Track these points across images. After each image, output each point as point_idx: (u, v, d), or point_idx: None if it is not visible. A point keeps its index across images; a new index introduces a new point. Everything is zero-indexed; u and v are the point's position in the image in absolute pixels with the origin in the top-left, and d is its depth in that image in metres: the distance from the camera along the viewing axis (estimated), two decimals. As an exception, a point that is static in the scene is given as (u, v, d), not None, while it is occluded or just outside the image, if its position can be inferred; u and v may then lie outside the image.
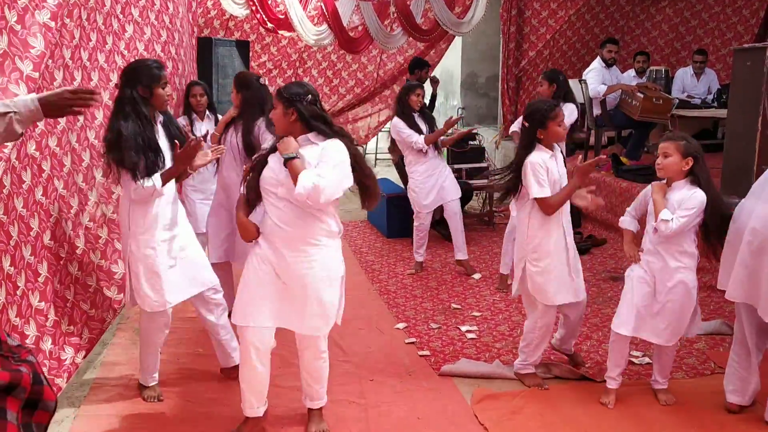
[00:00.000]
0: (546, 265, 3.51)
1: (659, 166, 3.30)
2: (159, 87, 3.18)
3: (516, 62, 8.65)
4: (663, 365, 3.49)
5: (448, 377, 3.79)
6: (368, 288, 5.37)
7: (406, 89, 5.61)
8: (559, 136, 3.54)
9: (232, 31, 7.64)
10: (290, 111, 2.86)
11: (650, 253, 3.34)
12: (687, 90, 8.00)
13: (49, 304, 3.08)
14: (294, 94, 2.86)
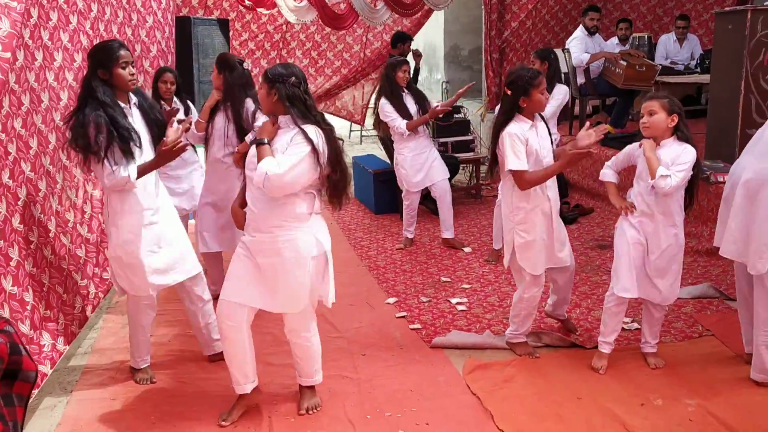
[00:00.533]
0: (532, 236, 3.51)
1: (645, 124, 3.28)
2: (118, 67, 3.11)
3: (498, 33, 8.57)
4: (653, 328, 3.52)
5: (439, 349, 3.81)
6: (357, 264, 5.38)
7: (391, 66, 5.52)
8: (541, 104, 3.50)
9: (211, 10, 7.53)
10: (272, 91, 2.87)
11: (643, 215, 3.34)
12: (670, 56, 7.99)
13: (23, 288, 3.04)
14: (277, 75, 2.87)
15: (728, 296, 4.28)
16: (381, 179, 6.84)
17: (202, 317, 3.60)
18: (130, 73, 3.16)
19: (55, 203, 3.51)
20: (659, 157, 3.24)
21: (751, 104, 5.22)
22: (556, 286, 3.82)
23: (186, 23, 6.41)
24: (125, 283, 3.31)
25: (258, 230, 2.94)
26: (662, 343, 3.70)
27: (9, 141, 3.05)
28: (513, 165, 3.39)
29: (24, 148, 3.19)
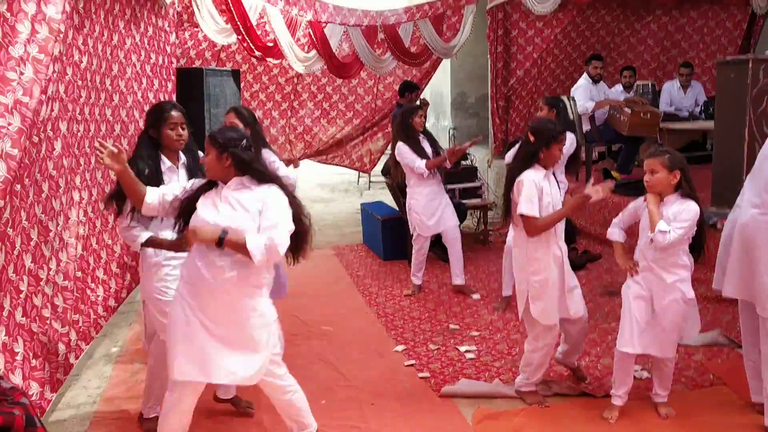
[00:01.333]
0: (545, 287, 3.53)
1: (648, 183, 3.30)
2: (166, 127, 3.26)
3: (504, 81, 8.73)
4: (663, 378, 3.50)
5: (448, 398, 3.79)
6: (366, 311, 5.38)
7: (408, 112, 5.62)
8: (556, 159, 3.57)
9: (223, 62, 7.70)
10: (224, 156, 2.82)
11: (646, 269, 3.36)
12: (674, 103, 8.09)
13: (13, 338, 3.05)
14: (229, 139, 2.83)
15: (739, 344, 4.25)
16: (389, 226, 6.88)
17: None
18: (177, 134, 3.27)
19: (48, 252, 3.52)
20: (662, 213, 3.27)
21: (755, 151, 5.24)
22: (569, 335, 3.81)
23: (198, 74, 6.55)
24: (160, 326, 3.27)
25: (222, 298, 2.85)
26: (673, 391, 3.67)
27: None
28: (525, 209, 3.44)
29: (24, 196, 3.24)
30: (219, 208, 2.82)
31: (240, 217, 2.80)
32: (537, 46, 8.66)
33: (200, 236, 2.75)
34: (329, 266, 6.79)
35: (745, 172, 5.26)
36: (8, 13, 2.82)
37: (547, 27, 8.62)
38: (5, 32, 2.80)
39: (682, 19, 9.24)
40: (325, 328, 4.98)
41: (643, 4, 8.98)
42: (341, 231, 8.41)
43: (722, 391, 3.73)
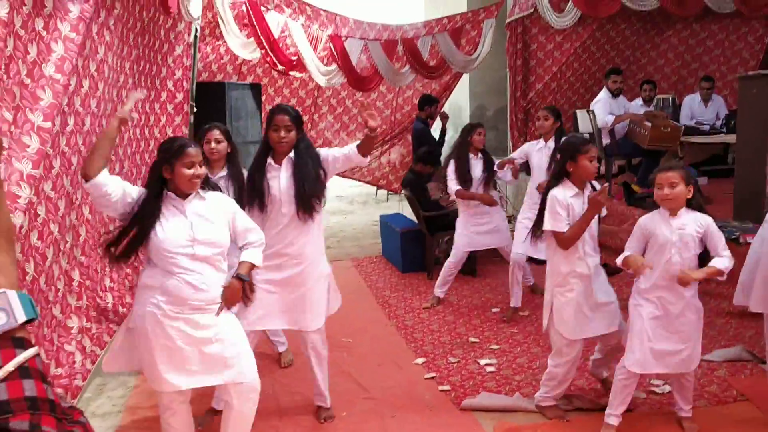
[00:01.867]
0: (570, 300, 3.53)
1: (669, 196, 3.25)
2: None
3: (523, 95, 8.74)
4: (686, 392, 3.47)
5: (468, 411, 3.80)
6: (385, 323, 5.40)
7: (466, 130, 5.60)
8: (588, 171, 3.51)
9: (245, 76, 7.80)
10: None
11: (664, 289, 3.28)
12: (695, 116, 8.05)
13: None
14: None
15: (762, 359, 4.23)
16: (408, 238, 6.90)
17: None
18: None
19: (64, 263, 3.58)
20: (683, 227, 3.26)
21: (778, 166, 5.24)
22: (604, 348, 3.81)
23: (220, 88, 6.65)
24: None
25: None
26: (696, 407, 3.65)
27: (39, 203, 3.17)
28: (547, 225, 3.51)
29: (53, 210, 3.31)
30: (189, 222, 2.86)
31: (215, 231, 2.91)
32: (556, 59, 8.67)
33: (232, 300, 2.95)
34: (348, 278, 6.81)
35: (767, 187, 5.25)
36: (44, 31, 2.88)
37: (567, 41, 8.63)
38: (40, 50, 2.86)
39: (702, 33, 9.22)
40: (345, 340, 4.99)
41: (664, 18, 8.98)
42: (360, 243, 8.44)
43: (746, 407, 3.69)
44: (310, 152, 3.52)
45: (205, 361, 2.89)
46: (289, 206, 3.48)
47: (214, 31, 6.86)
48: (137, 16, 4.55)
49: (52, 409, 0.76)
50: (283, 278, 3.55)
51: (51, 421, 0.74)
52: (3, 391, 0.72)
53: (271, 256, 3.48)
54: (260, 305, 3.46)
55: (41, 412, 0.74)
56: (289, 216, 3.49)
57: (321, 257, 3.66)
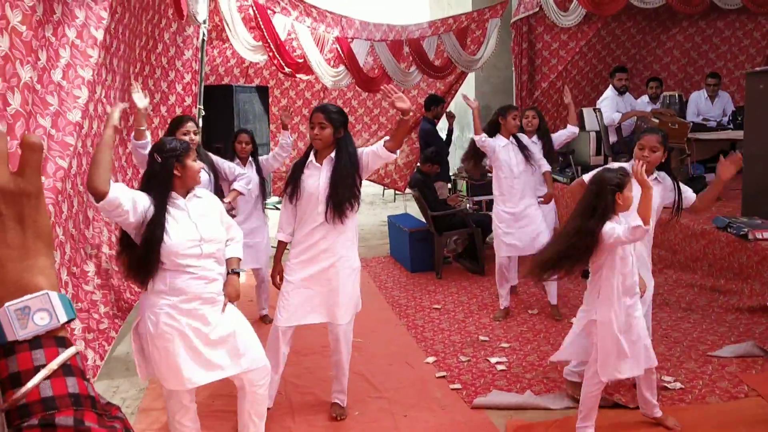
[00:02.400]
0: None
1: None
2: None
3: (529, 94, 8.76)
4: (654, 388, 3.43)
5: (480, 410, 3.81)
6: (396, 323, 5.42)
7: (502, 109, 5.29)
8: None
9: (252, 78, 7.84)
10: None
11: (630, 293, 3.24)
12: (702, 113, 8.05)
13: None
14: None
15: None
16: (417, 238, 6.93)
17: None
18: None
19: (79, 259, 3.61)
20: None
21: (786, 161, 5.24)
22: None
23: (228, 91, 6.69)
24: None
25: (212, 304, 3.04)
26: (708, 403, 3.67)
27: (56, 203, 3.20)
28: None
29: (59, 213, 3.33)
30: (194, 223, 2.94)
31: (216, 227, 3.04)
32: (562, 58, 8.69)
33: (235, 294, 3.09)
34: (357, 279, 6.84)
35: (776, 182, 5.24)
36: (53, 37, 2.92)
37: (572, 39, 8.65)
38: (49, 56, 2.89)
39: (708, 30, 9.21)
40: (356, 340, 4.98)
41: (669, 15, 8.97)
42: (368, 243, 8.46)
43: (757, 402, 3.70)
44: (351, 156, 3.57)
45: (221, 354, 2.98)
46: (324, 206, 3.54)
47: (221, 35, 6.89)
48: (139, 19, 4.58)
49: (93, 406, 0.79)
50: (315, 272, 3.61)
51: (93, 417, 0.77)
52: (48, 388, 0.75)
53: (304, 251, 3.60)
54: (295, 301, 3.60)
55: (84, 408, 0.77)
56: (324, 215, 3.55)
57: (353, 252, 3.71)
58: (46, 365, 0.76)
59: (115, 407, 0.80)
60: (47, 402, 0.74)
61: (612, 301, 3.20)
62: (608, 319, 3.19)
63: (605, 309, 3.21)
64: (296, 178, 3.62)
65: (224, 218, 3.18)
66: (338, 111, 3.63)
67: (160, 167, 2.90)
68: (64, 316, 0.79)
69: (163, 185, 2.89)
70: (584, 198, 3.25)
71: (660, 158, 3.56)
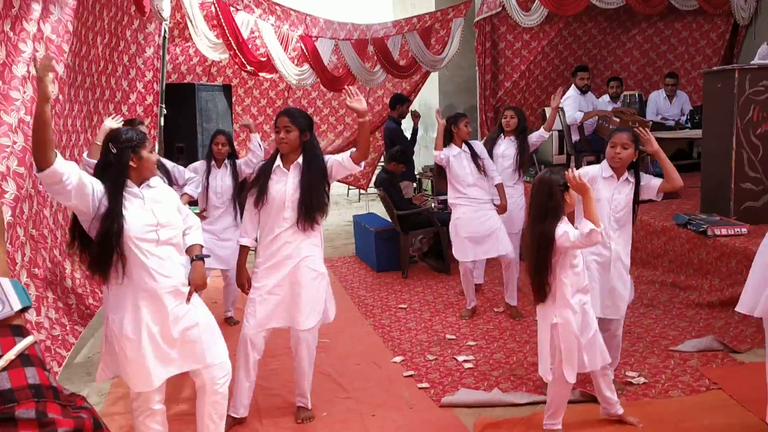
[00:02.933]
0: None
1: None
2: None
3: (493, 93, 8.82)
4: (611, 385, 3.45)
5: (449, 408, 3.81)
6: (362, 323, 5.40)
7: (453, 118, 5.35)
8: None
9: (214, 77, 7.74)
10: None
11: (582, 290, 3.27)
12: (660, 112, 8.20)
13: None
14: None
15: (733, 349, 4.32)
16: (382, 237, 6.91)
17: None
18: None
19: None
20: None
21: (743, 159, 5.37)
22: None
23: (190, 90, 6.60)
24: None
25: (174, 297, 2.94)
26: (670, 397, 3.73)
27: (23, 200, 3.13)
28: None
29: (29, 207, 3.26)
30: (150, 209, 2.88)
31: (172, 213, 2.97)
32: (524, 58, 8.77)
33: (201, 281, 3.00)
34: (323, 279, 6.80)
35: (733, 179, 5.37)
36: (11, 32, 2.84)
37: (534, 39, 8.74)
38: (9, 51, 2.81)
39: (666, 31, 9.39)
40: (322, 340, 4.97)
41: (629, 16, 9.13)
42: (333, 244, 8.43)
43: (718, 395, 3.77)
44: (319, 162, 3.54)
45: (184, 348, 2.94)
46: (291, 213, 3.49)
47: (184, 32, 6.80)
48: (97, 15, 4.49)
49: (56, 396, 0.75)
50: (281, 278, 3.56)
51: (56, 408, 0.73)
52: (5, 380, 0.71)
53: (270, 257, 3.56)
54: (262, 308, 3.54)
55: (46, 399, 0.73)
56: (291, 222, 3.51)
57: (317, 255, 3.66)
58: (3, 356, 0.72)
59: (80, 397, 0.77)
60: (5, 395, 0.70)
61: (567, 301, 3.21)
62: (566, 319, 3.21)
63: (562, 310, 3.22)
64: (262, 182, 3.56)
65: (180, 207, 3.11)
66: (303, 114, 3.61)
67: (115, 158, 2.82)
68: (18, 303, 0.75)
69: (118, 176, 2.81)
70: (534, 203, 3.26)
71: (632, 156, 3.58)
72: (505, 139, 5.59)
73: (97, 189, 2.76)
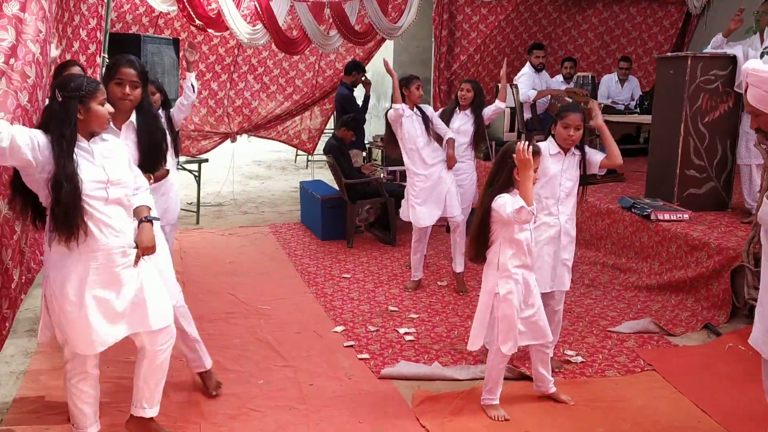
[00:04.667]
0: None
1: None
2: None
3: (447, 66, 8.73)
4: (548, 363, 3.50)
5: (388, 380, 3.78)
6: (304, 291, 5.31)
7: (405, 80, 5.20)
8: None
9: (161, 29, 7.41)
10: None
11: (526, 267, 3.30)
12: (612, 96, 8.28)
13: None
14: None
15: (668, 332, 4.41)
16: (329, 205, 6.80)
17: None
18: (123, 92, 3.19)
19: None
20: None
21: (689, 146, 5.45)
22: None
23: (135, 41, 6.29)
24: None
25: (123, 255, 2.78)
26: (606, 377, 3.78)
27: None
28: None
29: None
30: (100, 165, 2.70)
31: (123, 171, 2.79)
32: (481, 32, 8.71)
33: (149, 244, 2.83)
34: (266, 245, 6.67)
35: (679, 165, 5.45)
36: None
37: (492, 13, 8.68)
38: None
39: (621, 15, 9.45)
40: (262, 307, 4.89)
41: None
42: (278, 209, 8.28)
43: (652, 376, 3.83)
44: (155, 118, 3.44)
45: (131, 312, 2.79)
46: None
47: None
48: None
49: None
50: None
51: None
52: None
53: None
54: None
55: None
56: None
57: None
58: None
59: None
60: None
61: (510, 272, 3.24)
62: (508, 290, 3.23)
63: (505, 280, 3.24)
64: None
65: (132, 165, 2.92)
66: (144, 66, 3.41)
67: (61, 107, 2.60)
68: None
69: (63, 129, 2.57)
70: (491, 170, 3.31)
71: (581, 137, 3.61)
72: (461, 113, 5.51)
73: (40, 141, 2.54)
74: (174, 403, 3.45)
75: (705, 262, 4.72)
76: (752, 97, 2.39)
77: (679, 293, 4.89)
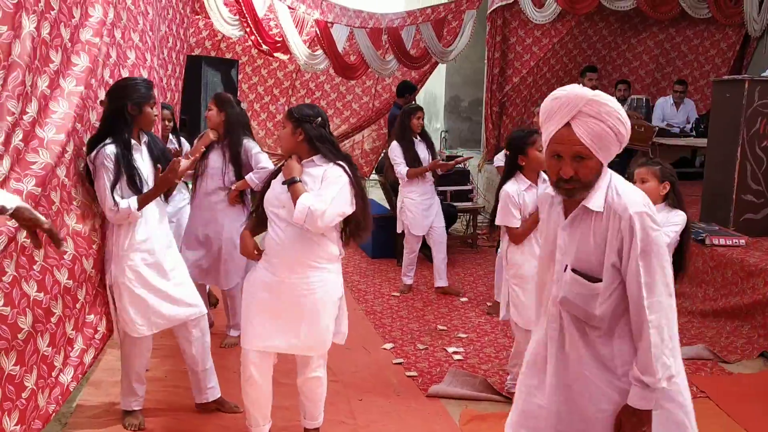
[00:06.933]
0: (524, 292, 3.54)
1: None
2: (148, 106, 3.14)
3: (500, 87, 8.77)
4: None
5: (435, 398, 3.82)
6: (354, 308, 5.39)
7: (407, 112, 5.64)
8: (540, 162, 3.49)
9: (223, 52, 7.68)
10: (298, 131, 2.90)
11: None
12: (667, 119, 8.18)
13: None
14: (304, 116, 2.90)
15: (722, 359, 4.33)
16: (379, 224, 6.83)
17: (201, 362, 3.45)
18: (155, 113, 3.27)
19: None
20: None
21: (746, 170, 5.36)
22: None
23: (197, 63, 6.54)
24: (125, 324, 3.20)
25: (289, 270, 2.91)
26: (657, 402, 3.73)
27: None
28: (498, 220, 3.64)
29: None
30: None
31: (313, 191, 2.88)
32: (534, 54, 8.73)
33: (287, 168, 2.89)
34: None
35: (735, 190, 5.36)
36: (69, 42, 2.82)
37: (545, 36, 8.70)
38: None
39: (678, 37, 9.35)
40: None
41: (641, 20, 9.09)
42: (330, 227, 8.40)
43: (706, 404, 3.77)
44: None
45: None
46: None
47: (194, 5, 6.73)
48: None
49: None
50: None
51: None
52: None
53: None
54: None
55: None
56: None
57: None
58: None
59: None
60: None
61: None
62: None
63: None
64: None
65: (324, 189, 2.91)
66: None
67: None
68: None
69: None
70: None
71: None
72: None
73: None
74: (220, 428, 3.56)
75: (762, 289, 4.62)
76: None
77: (735, 320, 4.79)
